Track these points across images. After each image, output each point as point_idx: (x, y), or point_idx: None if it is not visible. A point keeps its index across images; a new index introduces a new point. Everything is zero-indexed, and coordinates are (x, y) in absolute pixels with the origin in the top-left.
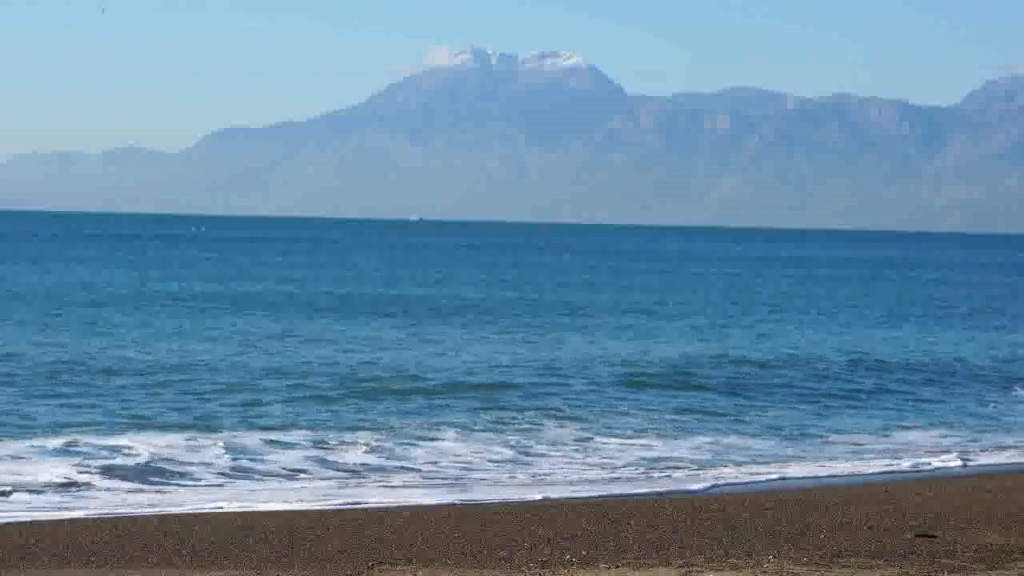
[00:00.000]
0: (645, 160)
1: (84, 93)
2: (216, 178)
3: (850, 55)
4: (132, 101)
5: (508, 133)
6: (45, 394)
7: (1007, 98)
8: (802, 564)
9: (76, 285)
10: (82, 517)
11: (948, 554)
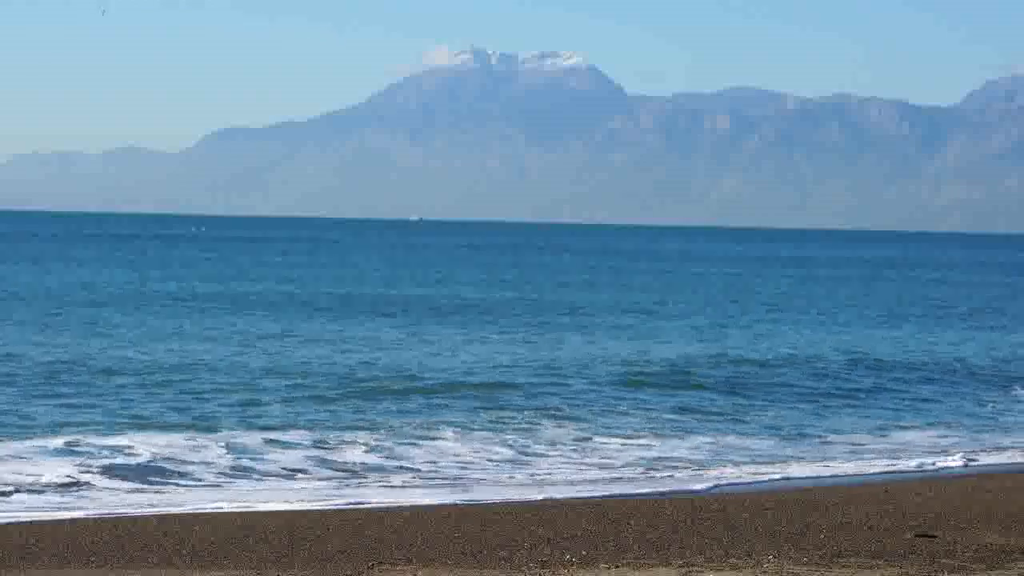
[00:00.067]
0: (645, 160)
1: (84, 93)
2: (216, 178)
3: (850, 55)
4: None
5: (508, 133)
6: (45, 394)
7: (1007, 98)
8: (802, 564)
9: (76, 285)
10: (82, 517)
11: (948, 554)
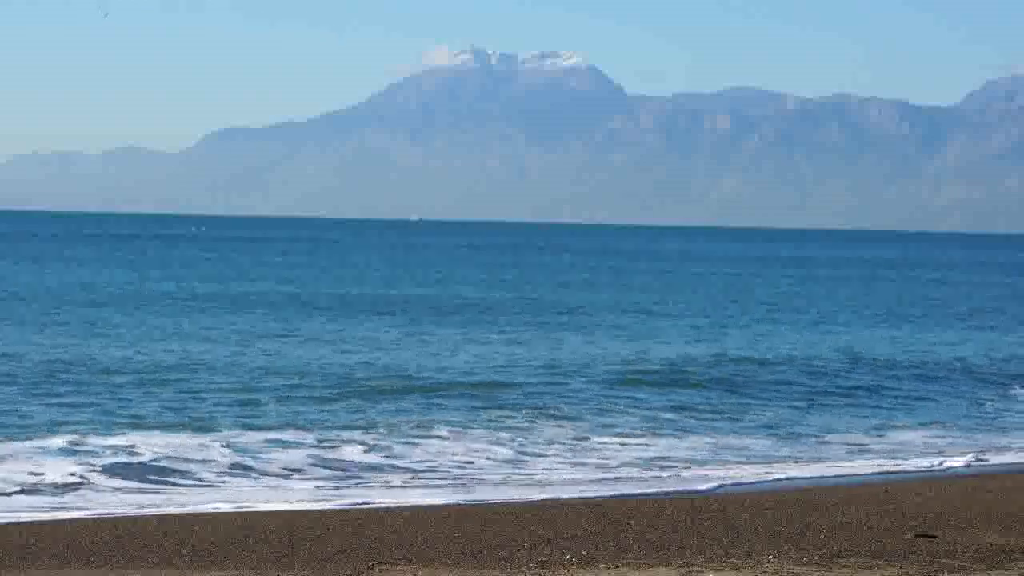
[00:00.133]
0: (645, 160)
1: (84, 93)
2: (216, 178)
3: (850, 55)
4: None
5: (508, 133)
6: (45, 394)
7: (1007, 98)
8: (802, 564)
9: (76, 285)
10: (82, 517)
11: (948, 554)
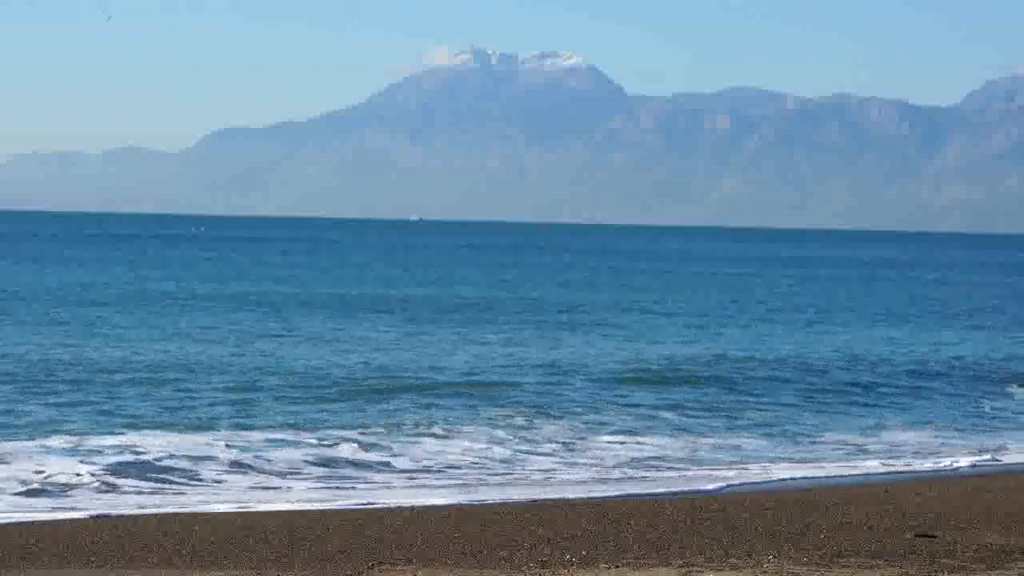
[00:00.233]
0: (645, 160)
1: (84, 93)
2: (216, 178)
3: (850, 55)
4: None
5: (508, 133)
6: (44, 393)
7: (1007, 98)
8: (802, 564)
9: (76, 285)
10: (82, 517)
11: (948, 554)
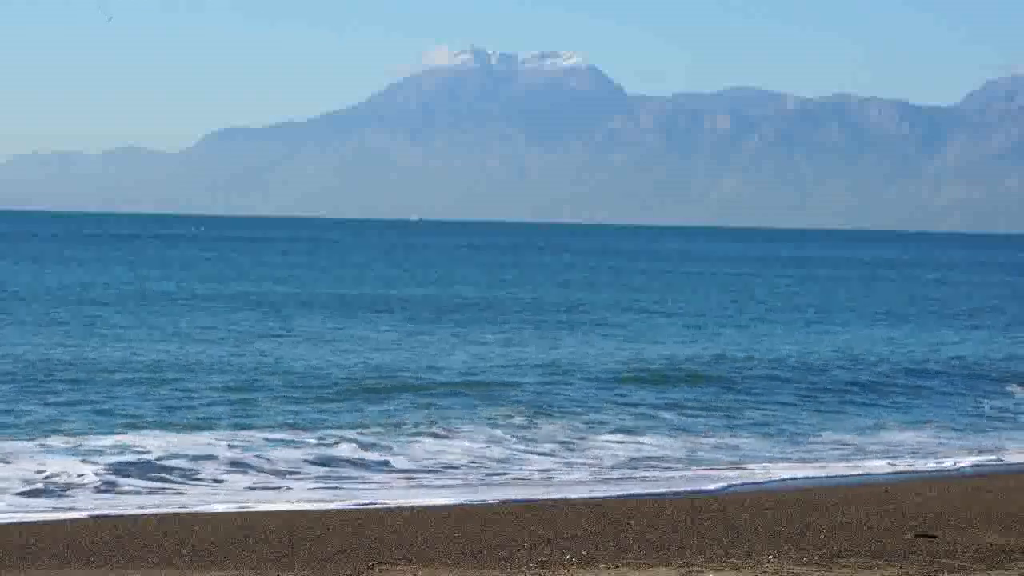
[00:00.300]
0: (645, 160)
1: (84, 93)
2: (216, 178)
3: (850, 55)
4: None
5: (508, 133)
6: (44, 393)
7: (1007, 98)
8: (802, 564)
9: (76, 285)
10: (82, 517)
11: (948, 554)
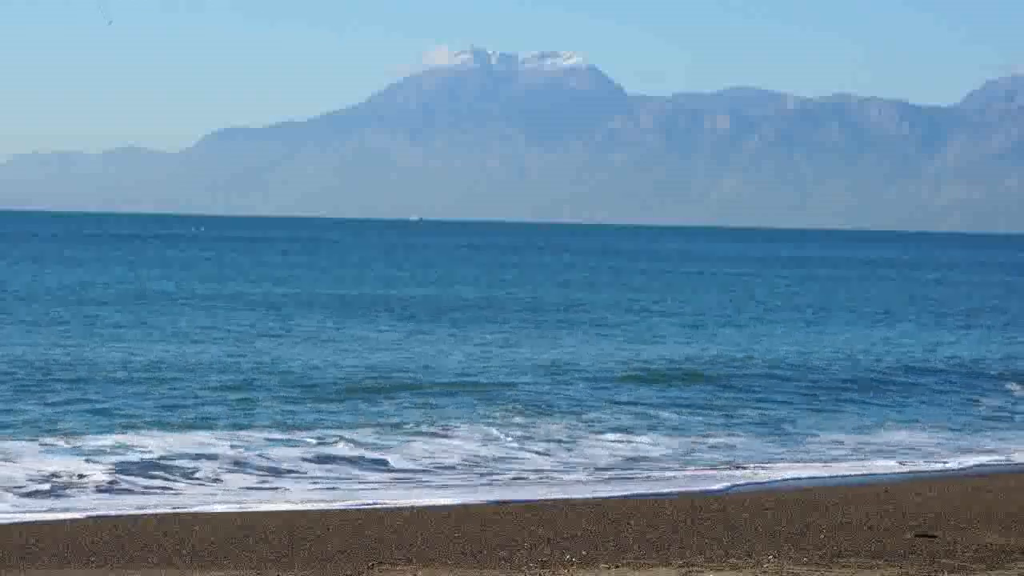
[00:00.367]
0: (645, 160)
1: (84, 93)
2: (216, 178)
3: (850, 55)
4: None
5: (508, 133)
6: (44, 393)
7: (1007, 98)
8: (802, 564)
9: (75, 285)
10: (82, 517)
11: (948, 554)
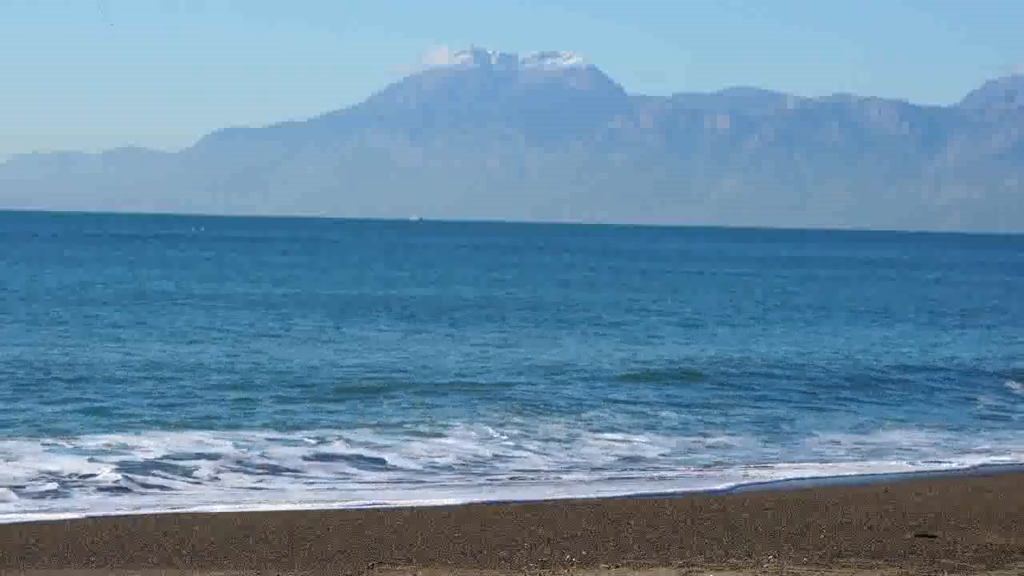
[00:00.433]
0: (645, 160)
1: (84, 93)
2: (216, 178)
3: (850, 55)
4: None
5: (508, 133)
6: (43, 393)
7: (1007, 98)
8: (802, 564)
9: (75, 285)
10: (82, 517)
11: (948, 554)
